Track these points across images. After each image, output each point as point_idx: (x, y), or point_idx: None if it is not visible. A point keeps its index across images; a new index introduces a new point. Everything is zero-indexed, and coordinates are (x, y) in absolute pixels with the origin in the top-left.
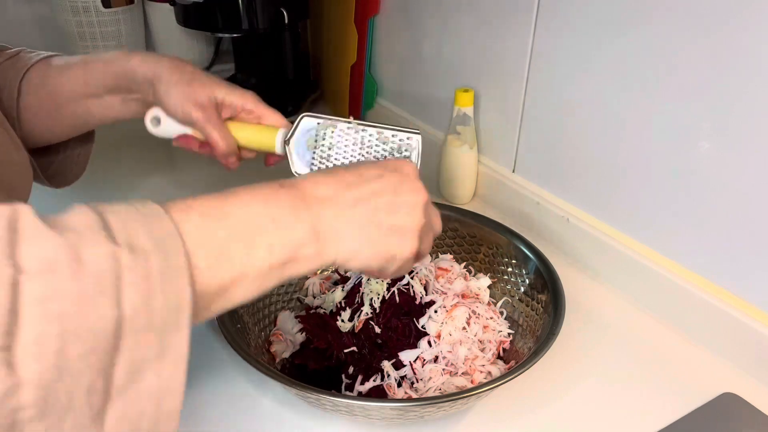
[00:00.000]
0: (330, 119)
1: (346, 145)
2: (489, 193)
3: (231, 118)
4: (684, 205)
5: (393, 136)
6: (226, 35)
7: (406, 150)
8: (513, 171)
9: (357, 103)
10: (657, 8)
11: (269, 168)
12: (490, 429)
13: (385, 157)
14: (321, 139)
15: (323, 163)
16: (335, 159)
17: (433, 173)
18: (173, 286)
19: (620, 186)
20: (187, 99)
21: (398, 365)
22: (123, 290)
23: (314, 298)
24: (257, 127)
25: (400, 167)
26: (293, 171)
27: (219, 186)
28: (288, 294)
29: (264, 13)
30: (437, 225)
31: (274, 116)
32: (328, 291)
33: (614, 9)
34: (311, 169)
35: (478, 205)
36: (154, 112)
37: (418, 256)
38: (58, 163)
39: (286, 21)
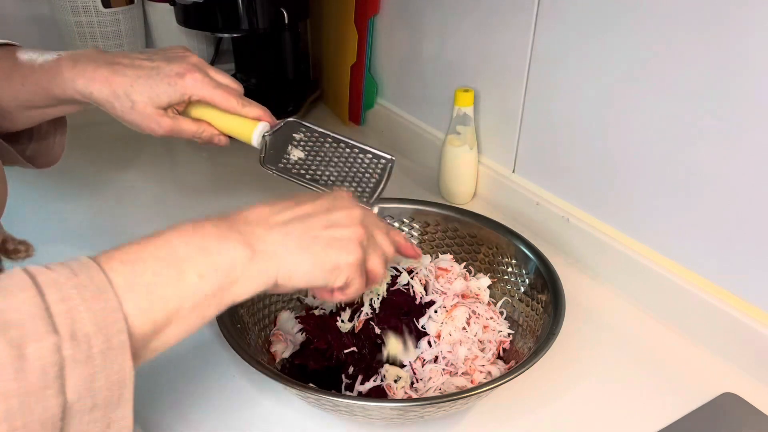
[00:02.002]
0: (315, 128)
1: (321, 155)
2: (489, 193)
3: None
4: (684, 204)
5: (367, 154)
6: (226, 35)
7: (376, 168)
8: (513, 171)
9: (357, 103)
10: (657, 7)
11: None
12: (490, 429)
13: (357, 170)
14: (299, 143)
15: (294, 168)
16: (307, 166)
17: (433, 173)
18: (115, 365)
19: (620, 186)
20: (142, 121)
21: None
22: (67, 378)
23: (314, 298)
24: (236, 117)
25: (335, 195)
26: (262, 164)
27: (216, 183)
28: (288, 294)
29: (264, 13)
30: (386, 246)
31: (255, 110)
32: None
33: (614, 8)
34: (280, 167)
35: (478, 205)
36: None
37: (370, 276)
38: (31, 150)
39: (286, 21)
